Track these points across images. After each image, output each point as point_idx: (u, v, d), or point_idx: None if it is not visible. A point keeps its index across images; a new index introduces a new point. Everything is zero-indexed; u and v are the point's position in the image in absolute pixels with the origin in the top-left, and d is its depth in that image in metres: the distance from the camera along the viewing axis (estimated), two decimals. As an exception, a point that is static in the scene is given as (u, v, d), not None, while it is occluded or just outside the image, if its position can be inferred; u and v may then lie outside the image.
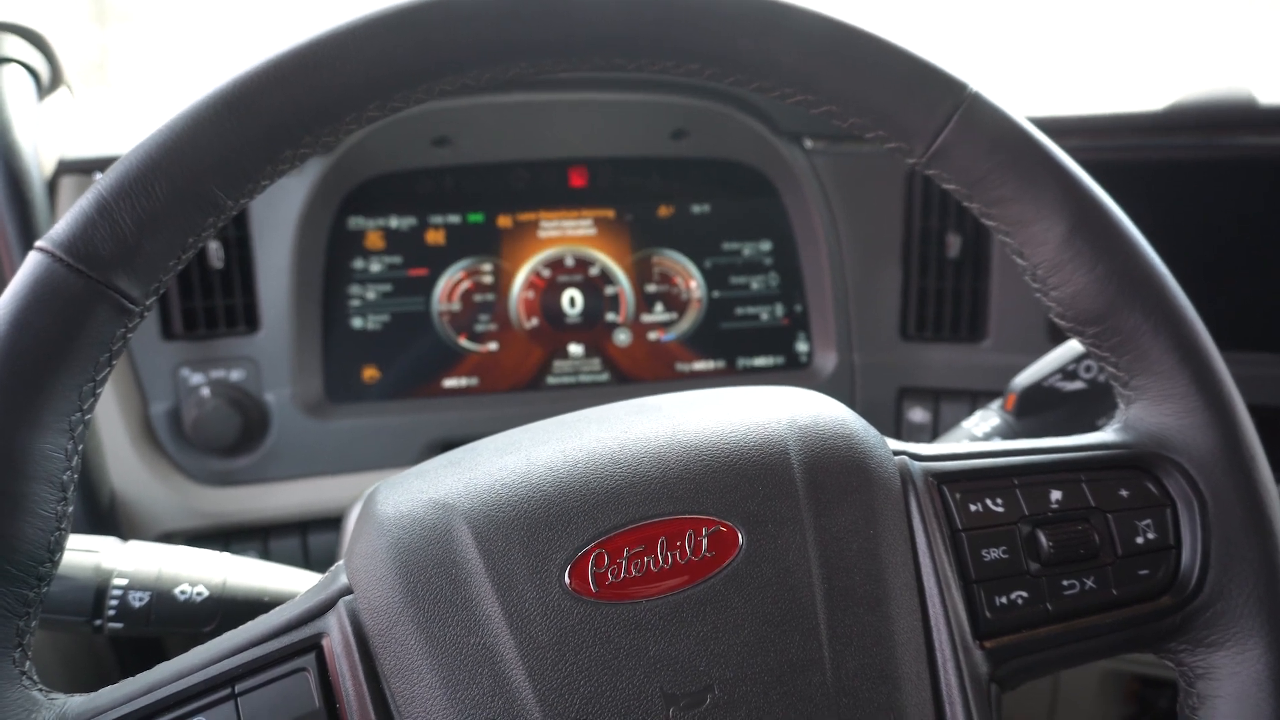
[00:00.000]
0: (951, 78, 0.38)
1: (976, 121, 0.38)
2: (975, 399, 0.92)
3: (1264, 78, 0.88)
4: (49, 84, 0.79)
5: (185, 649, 0.36)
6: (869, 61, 0.38)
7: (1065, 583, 0.38)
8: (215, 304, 0.85)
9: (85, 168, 0.80)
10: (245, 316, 0.86)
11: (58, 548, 0.34)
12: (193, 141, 0.34)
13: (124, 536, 0.55)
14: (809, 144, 0.94)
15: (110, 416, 0.83)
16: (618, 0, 0.36)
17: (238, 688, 0.33)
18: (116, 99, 0.92)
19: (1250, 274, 0.88)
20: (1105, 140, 0.88)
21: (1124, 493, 0.39)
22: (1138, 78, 0.98)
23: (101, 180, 0.33)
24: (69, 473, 0.33)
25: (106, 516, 0.82)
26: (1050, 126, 0.41)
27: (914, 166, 0.40)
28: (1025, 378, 0.63)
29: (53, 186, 0.79)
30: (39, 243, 0.33)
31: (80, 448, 0.34)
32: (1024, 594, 0.37)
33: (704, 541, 0.35)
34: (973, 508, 0.38)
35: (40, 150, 0.74)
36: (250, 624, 0.35)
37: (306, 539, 0.88)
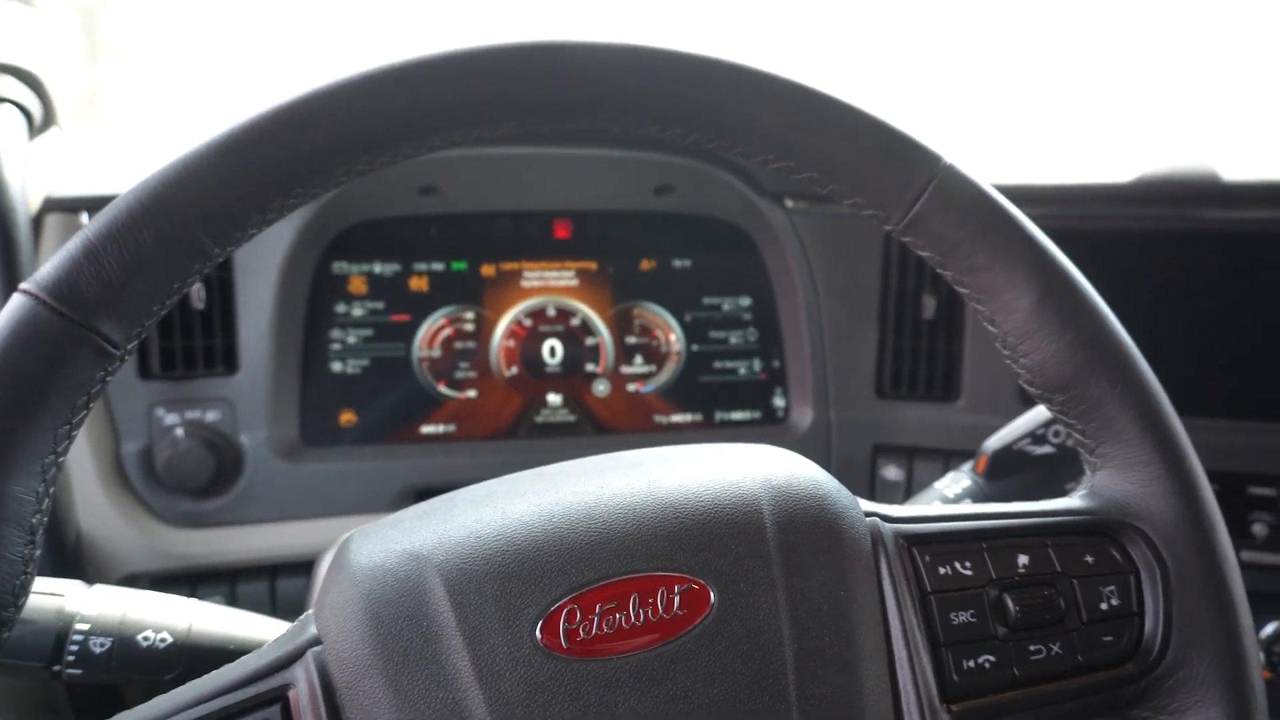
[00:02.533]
0: (927, 150, 0.40)
1: (950, 192, 0.39)
2: (948, 458, 0.93)
3: (1226, 154, 0.92)
4: (41, 124, 0.79)
5: (145, 697, 0.35)
6: (848, 132, 0.39)
7: (1032, 648, 0.38)
8: (194, 344, 0.85)
9: (71, 206, 0.80)
10: (224, 358, 0.85)
11: (22, 592, 0.33)
12: (183, 189, 0.34)
13: (88, 577, 0.55)
14: (790, 204, 0.96)
15: (80, 454, 0.82)
16: (608, 64, 0.37)
17: None
18: (105, 134, 0.92)
19: (1211, 342, 0.90)
20: (1073, 209, 0.91)
21: (1089, 558, 0.40)
22: (1105, 150, 1.01)
23: (90, 225, 0.34)
24: (38, 516, 0.33)
25: (71, 556, 0.80)
26: (1020, 195, 0.42)
27: (890, 234, 0.41)
28: (996, 441, 0.64)
29: (38, 224, 0.79)
30: (23, 285, 0.33)
31: (51, 490, 0.34)
32: (991, 658, 0.38)
33: (676, 599, 0.35)
34: (942, 570, 0.39)
35: (27, 188, 0.74)
36: (215, 674, 0.35)
37: (275, 583, 0.87)
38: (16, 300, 0.33)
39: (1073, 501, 0.42)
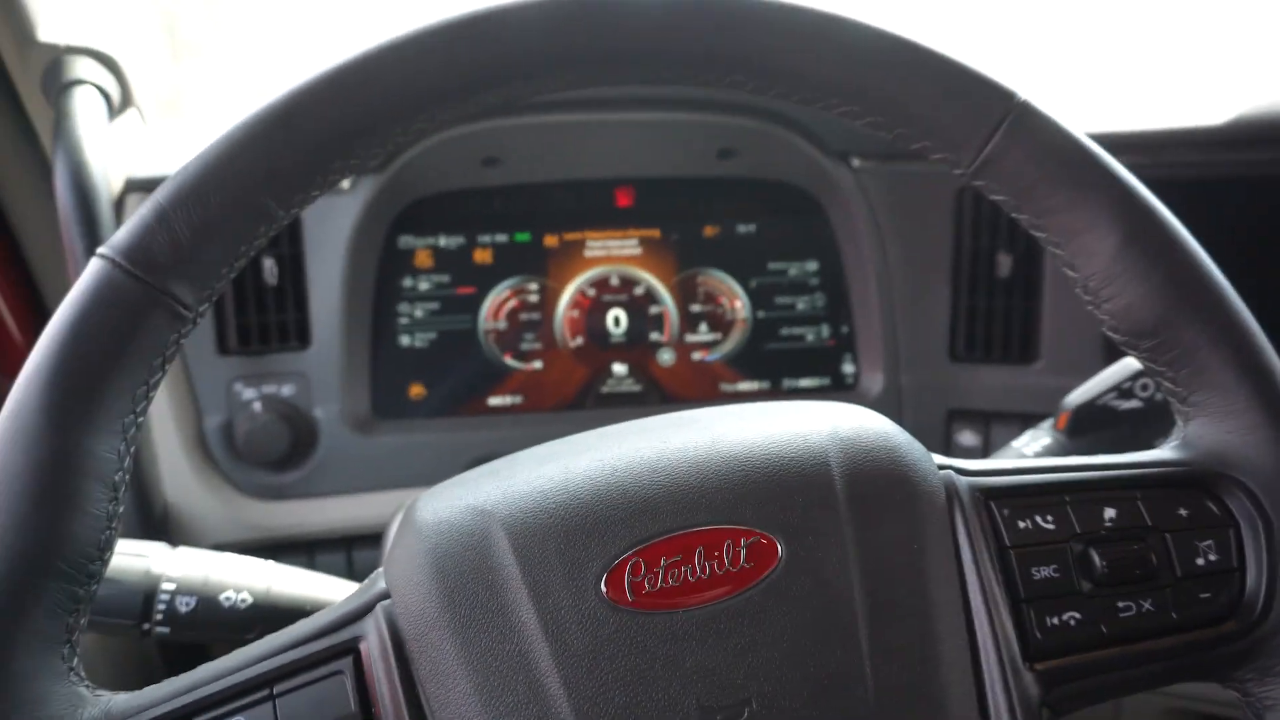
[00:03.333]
0: (999, 86, 0.38)
1: (1025, 130, 0.37)
2: (1027, 422, 0.89)
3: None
4: (119, 105, 0.82)
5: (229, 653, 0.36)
6: (914, 71, 0.37)
7: (1121, 604, 0.36)
8: (269, 320, 0.87)
9: (151, 186, 0.82)
10: (297, 332, 0.87)
11: (108, 547, 0.34)
12: (246, 153, 0.35)
13: (174, 545, 0.57)
14: (857, 163, 0.93)
15: (166, 429, 0.85)
16: (661, 11, 0.36)
17: (276, 689, 0.33)
18: (188, 129, 0.95)
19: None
20: (1164, 156, 0.86)
21: (1183, 512, 0.38)
22: (1198, 91, 0.95)
23: (160, 190, 0.35)
24: (121, 473, 0.34)
25: (159, 526, 0.84)
26: (1107, 143, 0.40)
27: (961, 177, 0.39)
28: (1078, 395, 0.61)
29: (120, 204, 0.82)
30: (100, 250, 0.34)
31: (132, 450, 0.35)
32: (1077, 615, 0.36)
33: (742, 552, 0.34)
34: (1021, 524, 0.37)
35: (109, 169, 0.77)
36: (290, 628, 0.35)
37: (351, 554, 0.89)
38: (94, 265, 0.34)
39: (1164, 453, 0.39)
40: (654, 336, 0.95)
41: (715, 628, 0.33)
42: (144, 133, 0.87)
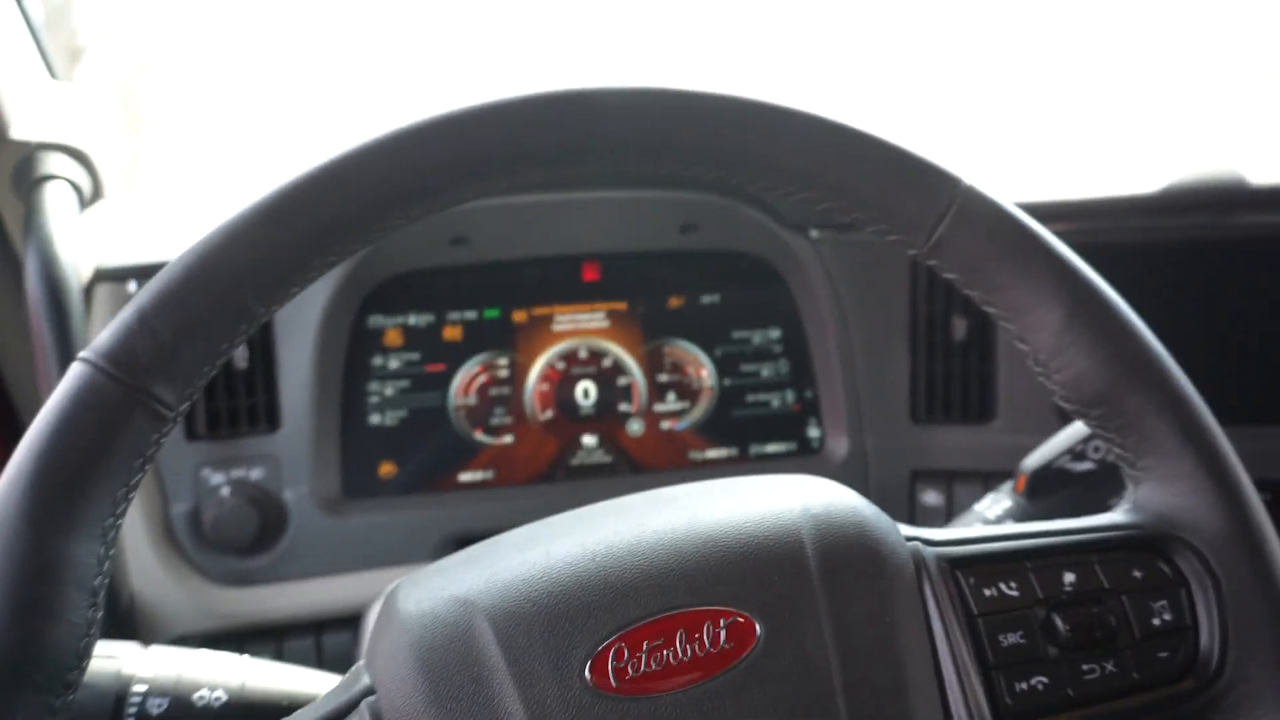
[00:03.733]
0: (945, 173, 0.40)
1: (971, 214, 0.40)
2: (987, 479, 0.92)
3: (1253, 158, 0.91)
4: (90, 197, 0.83)
5: (205, 755, 0.36)
6: (867, 160, 0.40)
7: (1085, 667, 0.38)
8: (238, 404, 0.87)
9: (119, 276, 0.83)
10: (266, 415, 0.87)
11: (86, 654, 0.34)
12: (228, 254, 0.35)
13: (140, 638, 0.56)
14: (814, 234, 0.97)
15: (132, 519, 0.83)
16: (631, 107, 0.38)
17: None
18: (148, 204, 0.96)
19: (1245, 348, 0.88)
20: (1098, 223, 0.91)
21: (1137, 574, 0.39)
22: (1128, 161, 1.01)
23: (142, 293, 0.35)
24: (100, 578, 0.34)
25: (124, 619, 0.82)
26: (1044, 211, 0.43)
27: (915, 258, 0.42)
28: (1035, 459, 0.63)
29: (88, 293, 0.82)
30: (83, 354, 0.35)
31: (111, 553, 0.35)
32: (1044, 679, 0.37)
33: (722, 633, 0.35)
34: (987, 592, 0.38)
35: (78, 260, 0.77)
36: None
37: (321, 639, 0.88)
38: (76, 369, 0.35)
39: (1117, 516, 0.41)
40: (623, 407, 0.96)
41: (699, 710, 0.34)
42: (107, 212, 0.88)
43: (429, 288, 0.94)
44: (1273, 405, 0.88)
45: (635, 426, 0.96)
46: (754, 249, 0.99)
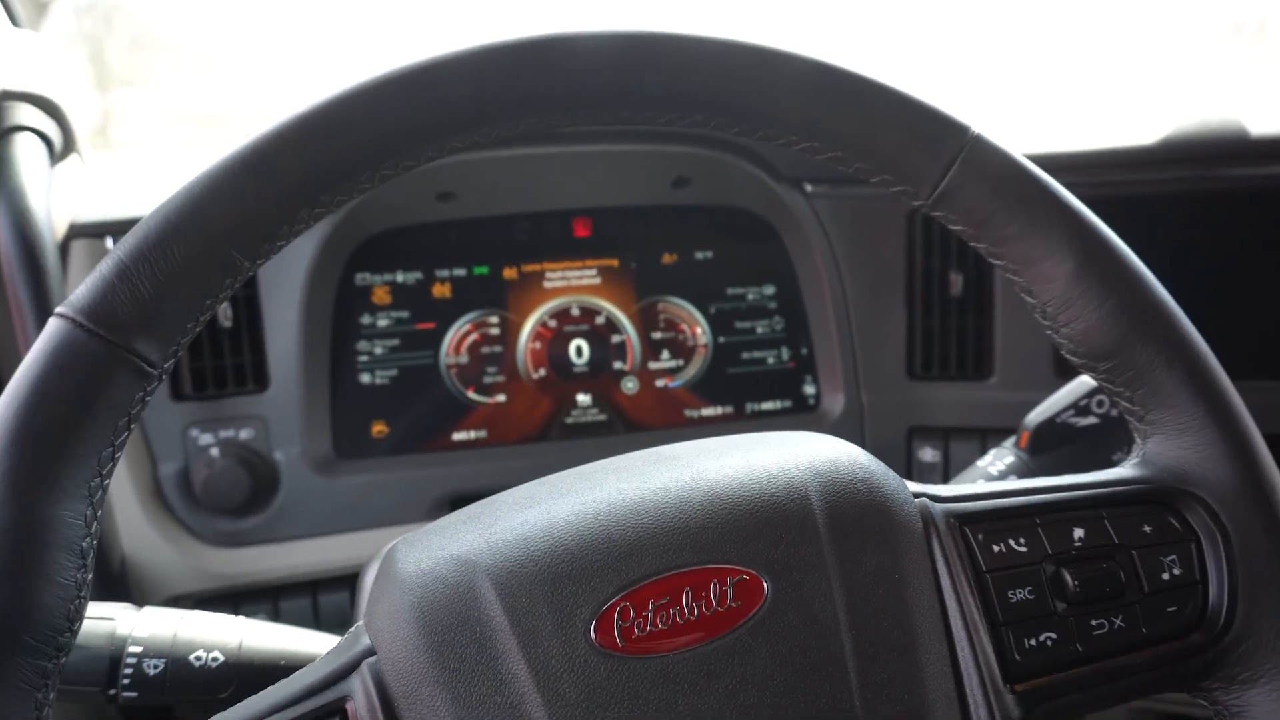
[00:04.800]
0: (953, 120, 0.39)
1: (980, 163, 0.39)
2: (985, 436, 0.92)
3: (1253, 108, 0.90)
4: (61, 150, 0.80)
5: (200, 718, 0.35)
6: (872, 108, 0.38)
7: (1094, 622, 0.37)
8: (224, 363, 0.85)
9: (96, 231, 0.81)
10: (254, 375, 0.86)
11: (77, 616, 0.33)
12: (210, 204, 0.34)
13: (134, 600, 0.55)
14: (810, 188, 0.95)
15: (120, 479, 0.82)
16: (625, 54, 0.36)
17: None
18: (121, 162, 0.93)
19: (1252, 302, 0.88)
20: (1100, 175, 0.90)
21: (1147, 528, 0.39)
22: (1129, 112, 0.99)
23: (120, 245, 0.34)
24: (88, 539, 0.33)
25: (117, 580, 0.81)
26: (1045, 163, 0.41)
27: (920, 209, 0.40)
28: (1038, 414, 0.63)
29: (64, 250, 0.80)
30: (59, 309, 0.33)
31: (99, 513, 0.34)
32: (1053, 635, 0.37)
33: (729, 591, 0.34)
34: (996, 548, 0.38)
35: (53, 215, 0.75)
36: (271, 689, 0.35)
37: (317, 598, 0.87)
38: (54, 325, 0.33)
39: (1125, 471, 0.41)
40: (617, 365, 0.95)
41: (706, 669, 0.33)
42: (82, 169, 0.85)
43: (416, 244, 0.92)
44: (1276, 358, 0.88)
45: (629, 384, 0.95)
46: (748, 204, 0.97)
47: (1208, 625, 0.38)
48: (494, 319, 0.93)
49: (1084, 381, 0.63)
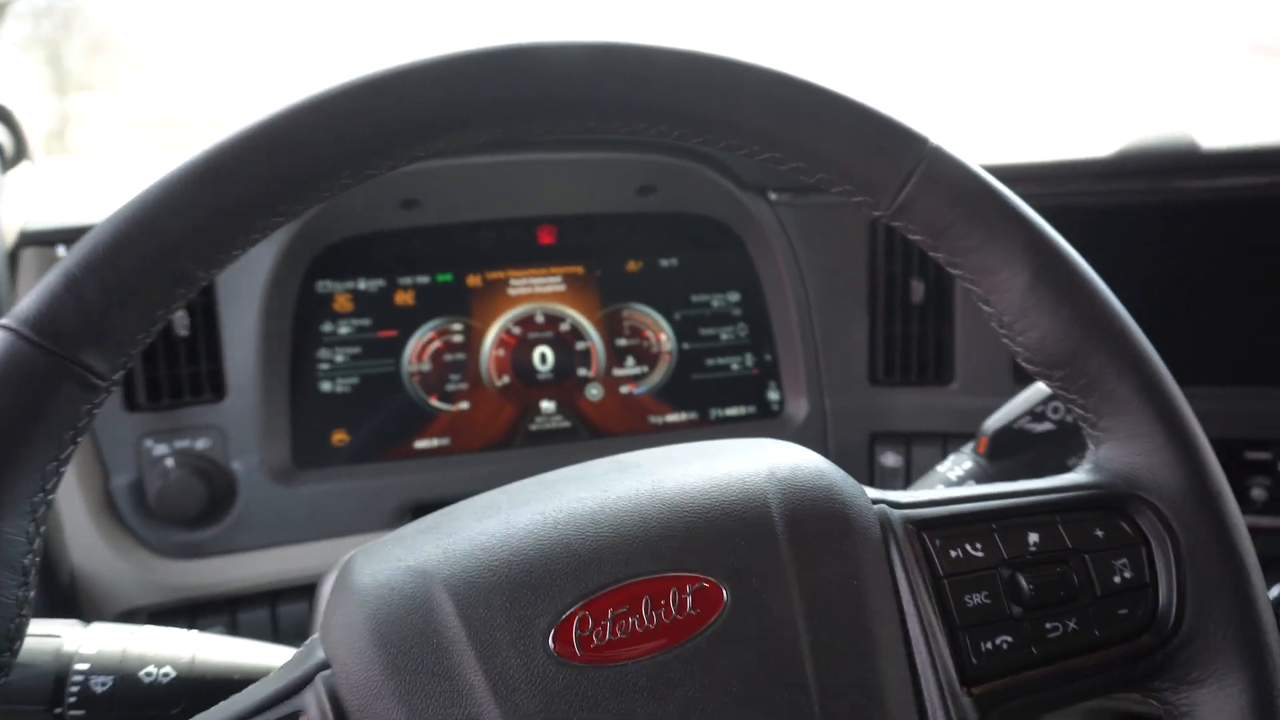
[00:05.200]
0: (912, 132, 0.40)
1: (938, 174, 0.39)
2: (946, 441, 0.93)
3: (1203, 122, 0.92)
4: (13, 157, 0.78)
5: (152, 734, 0.34)
6: (832, 119, 0.39)
7: (1048, 625, 0.38)
8: (180, 372, 0.84)
9: (47, 239, 0.79)
10: (211, 384, 0.84)
11: (18, 635, 0.32)
12: (162, 213, 0.33)
13: (84, 615, 0.53)
14: (773, 196, 0.96)
15: (69, 491, 0.80)
16: (589, 64, 0.36)
17: None
18: (77, 167, 0.91)
19: (1200, 311, 0.90)
20: (1056, 186, 0.91)
21: (1099, 533, 0.40)
22: (1083, 124, 1.01)
23: (70, 255, 0.33)
24: (30, 556, 0.32)
25: (65, 596, 0.79)
26: (1002, 174, 0.42)
27: (880, 219, 0.41)
28: (995, 421, 0.64)
29: (14, 258, 0.78)
30: (3, 320, 0.32)
31: (42, 529, 0.33)
32: (1008, 638, 0.37)
33: (688, 599, 0.34)
34: (953, 553, 0.38)
35: (2, 222, 0.73)
36: (223, 704, 0.34)
37: (276, 610, 0.86)
38: None
39: (1078, 476, 0.41)
40: (581, 372, 0.95)
41: (665, 677, 0.33)
42: (34, 175, 0.83)
43: (379, 252, 0.91)
44: (1222, 365, 0.90)
45: (594, 391, 0.95)
46: (713, 212, 0.98)
47: (1157, 627, 0.39)
48: (457, 326, 0.93)
49: (1039, 389, 0.65)
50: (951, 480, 0.63)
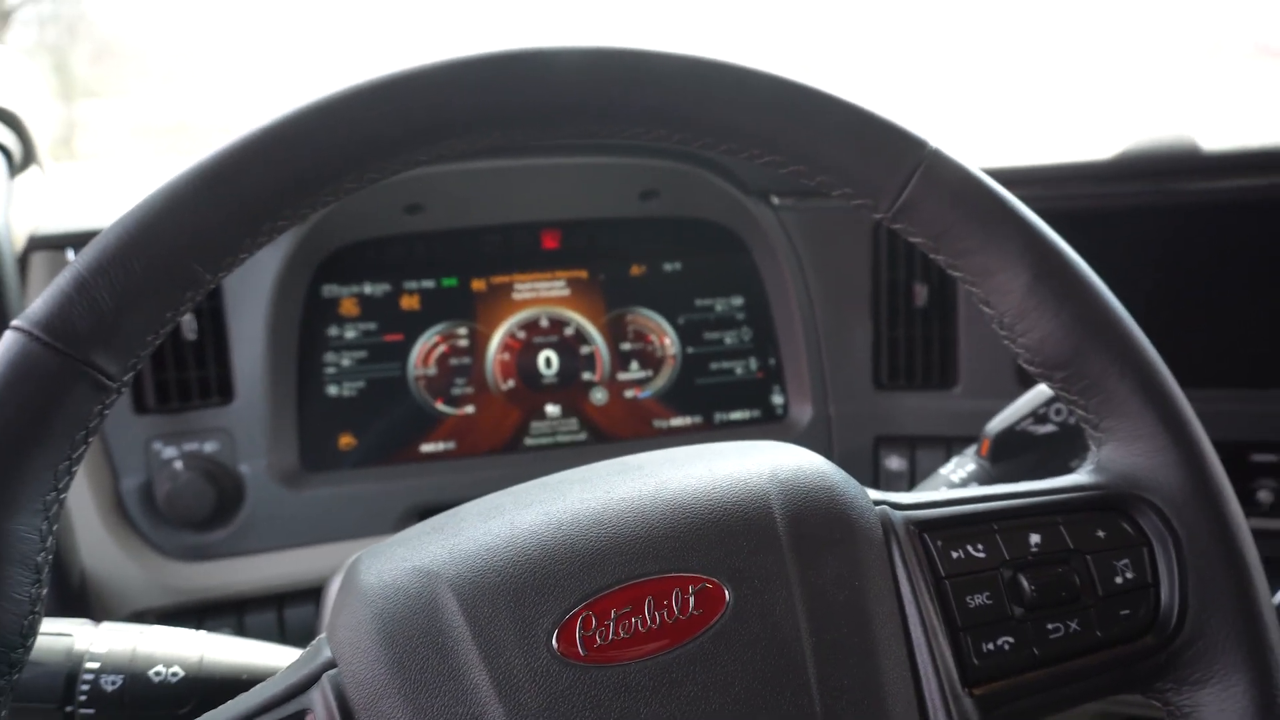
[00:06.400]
0: (911, 135, 0.40)
1: (938, 177, 0.39)
2: (950, 444, 0.93)
3: (1205, 124, 0.92)
4: (21, 162, 0.79)
5: (161, 733, 0.35)
6: (832, 123, 0.39)
7: (1050, 626, 0.38)
8: (188, 376, 0.84)
9: (56, 243, 0.80)
10: (219, 387, 0.85)
11: (31, 633, 0.33)
12: (171, 217, 0.34)
13: (94, 616, 0.54)
14: (776, 201, 0.96)
15: (80, 493, 0.81)
16: (590, 68, 0.37)
17: None
18: (85, 173, 0.92)
19: (1202, 312, 0.90)
20: (1056, 189, 0.91)
21: (1101, 533, 0.40)
22: (1085, 127, 1.02)
23: (79, 258, 0.33)
24: (43, 554, 0.33)
25: (76, 596, 0.80)
26: (1003, 177, 0.42)
27: (881, 221, 0.41)
28: (998, 423, 0.64)
29: (24, 263, 0.78)
30: (15, 322, 0.33)
31: (55, 528, 0.33)
32: (1010, 639, 0.38)
33: (691, 599, 0.35)
34: (954, 555, 0.39)
35: (11, 226, 0.74)
36: (230, 703, 0.34)
37: (283, 612, 0.86)
38: (9, 338, 0.33)
39: (1080, 478, 0.41)
40: (586, 376, 0.95)
41: (668, 677, 0.33)
42: (42, 180, 0.84)
43: (384, 256, 0.92)
44: (1226, 368, 0.90)
45: (599, 395, 0.95)
46: (716, 216, 0.98)
47: (1159, 628, 0.39)
48: (462, 330, 0.93)
49: (1042, 390, 0.65)
50: (954, 482, 0.63)
